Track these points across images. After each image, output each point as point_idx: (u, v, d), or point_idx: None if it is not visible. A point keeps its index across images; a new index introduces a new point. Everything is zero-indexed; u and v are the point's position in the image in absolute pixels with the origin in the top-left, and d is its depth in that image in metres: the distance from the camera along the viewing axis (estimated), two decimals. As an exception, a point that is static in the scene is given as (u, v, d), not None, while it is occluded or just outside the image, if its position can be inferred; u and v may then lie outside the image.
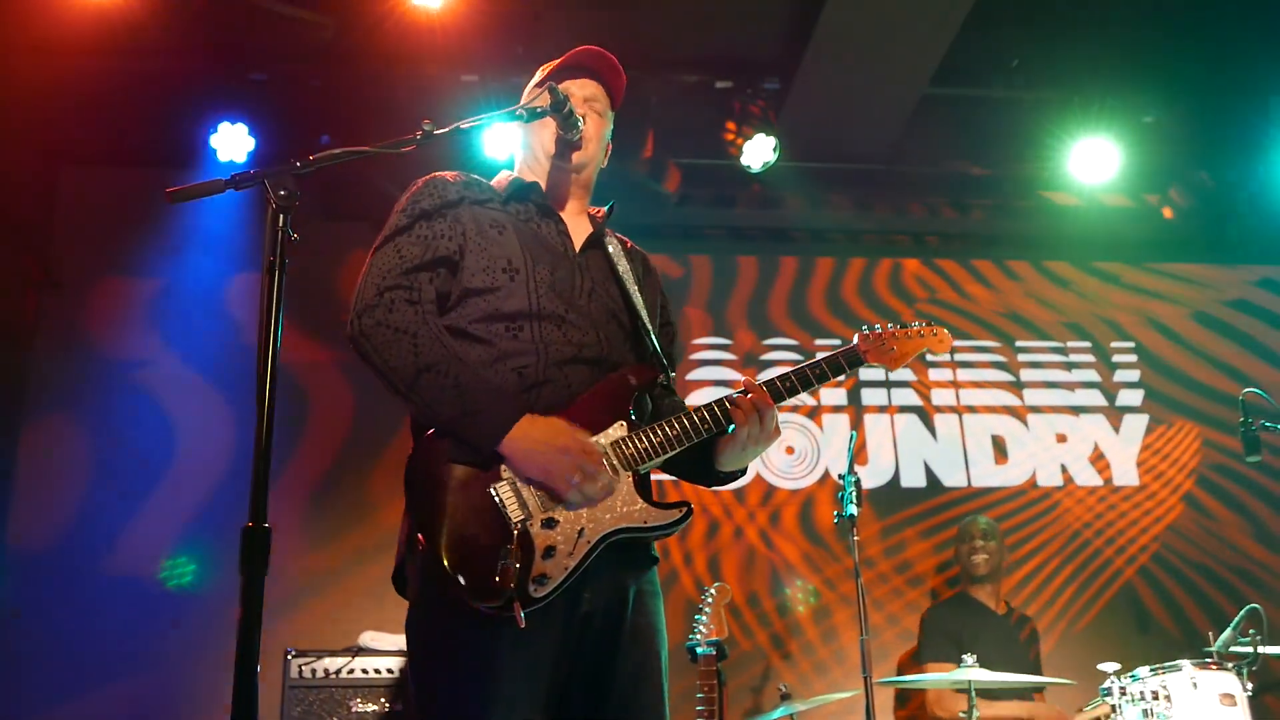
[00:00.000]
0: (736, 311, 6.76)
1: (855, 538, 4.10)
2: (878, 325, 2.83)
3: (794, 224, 6.98)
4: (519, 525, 2.31)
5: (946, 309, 6.96)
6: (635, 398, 2.53)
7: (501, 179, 2.76)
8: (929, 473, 6.59)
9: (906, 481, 6.55)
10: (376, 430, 5.90)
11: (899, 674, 5.93)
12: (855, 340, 2.78)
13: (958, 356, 6.87)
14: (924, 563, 6.35)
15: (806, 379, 2.64)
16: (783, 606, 6.16)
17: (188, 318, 6.09)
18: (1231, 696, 4.10)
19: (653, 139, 6.27)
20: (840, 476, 4.30)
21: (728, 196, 6.83)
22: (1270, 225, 6.92)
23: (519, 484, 2.35)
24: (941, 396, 6.77)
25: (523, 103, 2.74)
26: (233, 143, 5.76)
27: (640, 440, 2.47)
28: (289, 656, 4.69)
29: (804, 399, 6.61)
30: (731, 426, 2.52)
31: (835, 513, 4.21)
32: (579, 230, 2.71)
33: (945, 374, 6.82)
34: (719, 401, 2.54)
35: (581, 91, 2.75)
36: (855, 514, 4.15)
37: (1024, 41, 6.05)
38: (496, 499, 2.33)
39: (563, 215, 2.71)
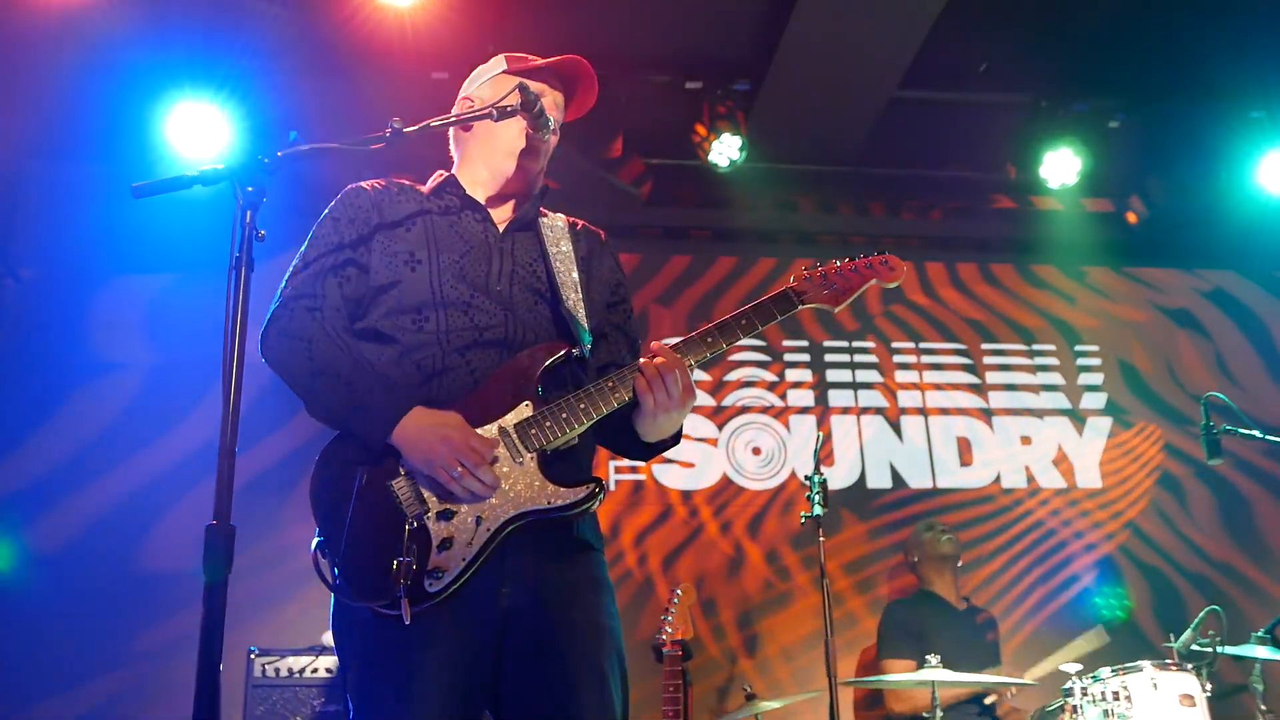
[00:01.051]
0: (703, 311, 6.76)
1: (821, 538, 4.11)
2: (818, 262, 2.66)
3: (762, 224, 7.00)
4: (414, 520, 2.27)
5: (912, 311, 7.01)
6: (542, 375, 2.42)
7: (432, 178, 2.73)
8: (894, 474, 6.62)
9: (872, 483, 6.59)
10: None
11: (860, 672, 5.96)
12: (791, 280, 2.62)
13: (924, 359, 6.91)
14: (889, 563, 6.38)
15: (732, 331, 2.51)
16: (748, 607, 6.18)
17: (151, 316, 6.05)
18: (1191, 697, 4.14)
19: (622, 138, 6.27)
20: (806, 478, 4.31)
21: (696, 196, 6.84)
22: (1232, 231, 7.00)
23: (418, 479, 2.31)
24: (907, 398, 6.81)
25: (474, 91, 2.75)
26: (199, 138, 5.70)
27: (545, 419, 2.38)
28: (252, 655, 4.66)
29: (771, 400, 6.64)
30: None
31: (801, 513, 4.22)
32: (506, 216, 2.67)
33: (911, 376, 6.86)
34: (630, 368, 2.44)
35: (549, 99, 2.72)
36: (821, 515, 4.16)
37: (992, 46, 6.09)
38: (393, 494, 2.29)
39: (492, 205, 2.67)
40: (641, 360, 2.44)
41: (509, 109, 2.54)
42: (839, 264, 2.68)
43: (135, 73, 5.64)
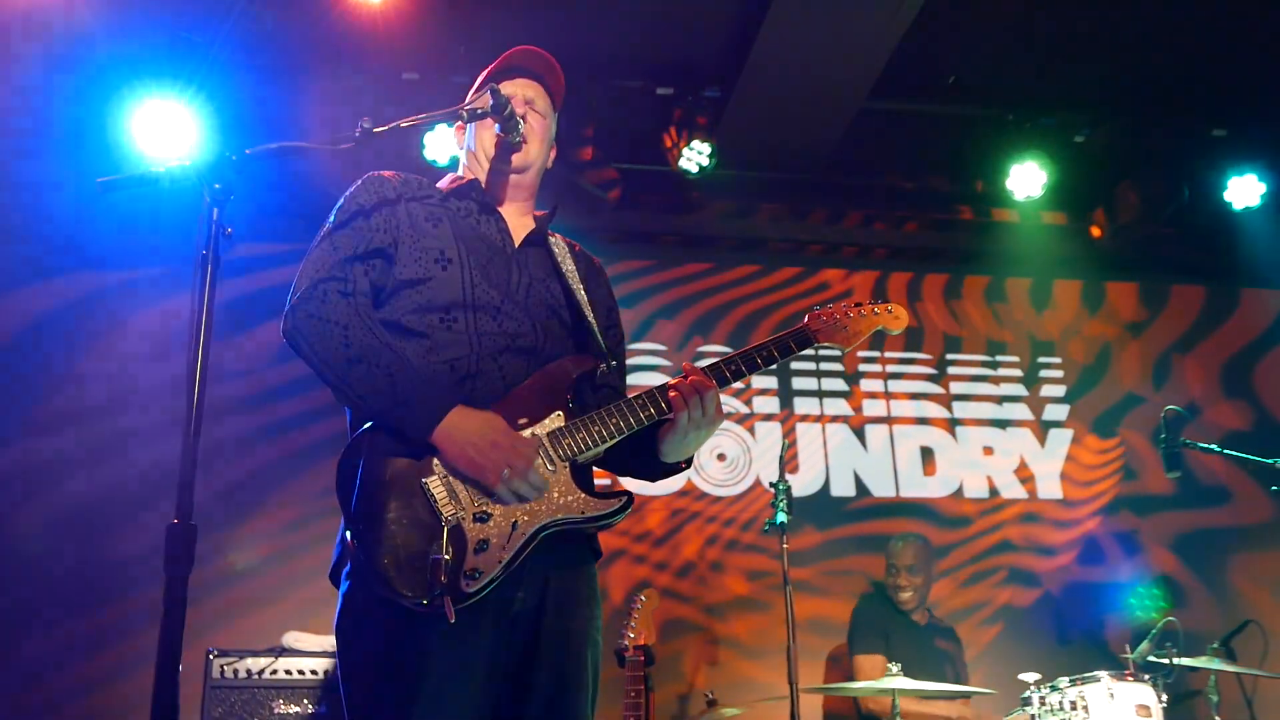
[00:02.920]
0: (670, 316, 6.78)
1: (784, 545, 4.12)
2: (830, 303, 2.76)
3: (730, 231, 7.02)
4: (451, 520, 2.28)
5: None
6: (573, 388, 2.49)
7: (445, 179, 2.77)
8: (858, 482, 6.65)
9: (836, 490, 6.61)
10: (305, 429, 5.83)
11: (826, 674, 5.98)
12: (805, 320, 2.71)
13: (889, 368, 6.95)
14: (852, 571, 6.40)
15: (753, 362, 2.58)
16: (711, 613, 6.18)
17: (114, 313, 6.00)
18: (1147, 707, 4.18)
19: (593, 142, 6.27)
20: (771, 484, 4.32)
21: (665, 202, 6.85)
22: (1195, 245, 7.09)
23: (451, 479, 2.31)
24: (872, 408, 6.84)
25: (465, 104, 2.71)
26: (167, 134, 5.64)
27: (578, 430, 2.43)
28: (211, 656, 4.62)
29: (736, 406, 6.65)
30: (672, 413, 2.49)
31: (765, 520, 4.23)
32: (520, 229, 2.70)
33: (877, 385, 6.90)
34: (660, 388, 2.50)
35: (522, 92, 2.74)
36: (785, 522, 4.17)
37: (959, 59, 6.14)
38: (428, 493, 2.29)
39: (504, 213, 2.69)
40: (675, 379, 2.51)
41: (479, 111, 2.55)
42: (848, 308, 2.75)
43: (100, 69, 5.58)
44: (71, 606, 5.48)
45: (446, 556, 2.22)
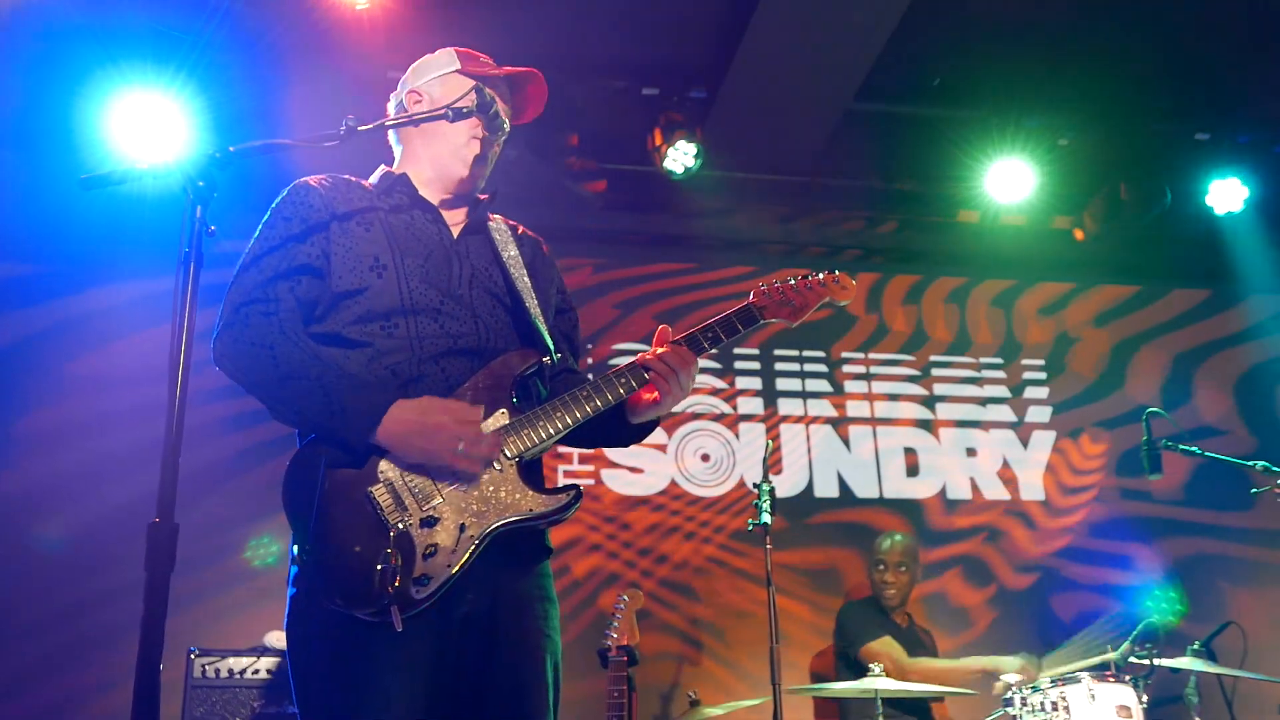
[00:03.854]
0: (654, 316, 6.77)
1: (768, 546, 4.12)
2: (775, 280, 2.72)
3: (714, 232, 7.02)
4: (397, 527, 2.26)
5: (862, 322, 7.06)
6: (517, 384, 2.45)
7: (375, 174, 2.71)
8: (842, 483, 6.67)
9: (820, 491, 6.62)
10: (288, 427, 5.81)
11: (810, 674, 6.00)
12: (751, 297, 2.68)
13: (872, 369, 6.97)
14: (835, 572, 6.42)
15: (697, 343, 2.56)
16: (694, 613, 6.19)
17: (99, 312, 5.97)
18: (1128, 708, 4.20)
19: (578, 142, 6.27)
20: (754, 485, 4.33)
21: (650, 202, 6.85)
22: (1178, 249, 7.12)
23: (396, 485, 2.30)
24: (856, 409, 6.85)
25: (422, 86, 2.69)
26: (149, 132, 5.58)
27: (523, 427, 2.40)
28: (192, 655, 4.60)
29: (721, 407, 6.66)
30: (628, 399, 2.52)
31: (749, 520, 4.24)
32: (457, 217, 2.66)
33: (860, 386, 6.91)
34: (627, 371, 2.50)
35: (500, 106, 2.70)
36: (768, 522, 4.17)
37: (946, 61, 6.15)
38: (374, 501, 2.28)
39: (441, 206, 2.65)
40: (650, 354, 2.50)
41: (465, 110, 2.53)
42: (794, 281, 2.73)
43: (81, 64, 5.55)
44: (52, 606, 5.45)
45: (395, 564, 2.21)
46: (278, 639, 4.77)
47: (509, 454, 2.37)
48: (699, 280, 6.94)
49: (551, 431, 2.41)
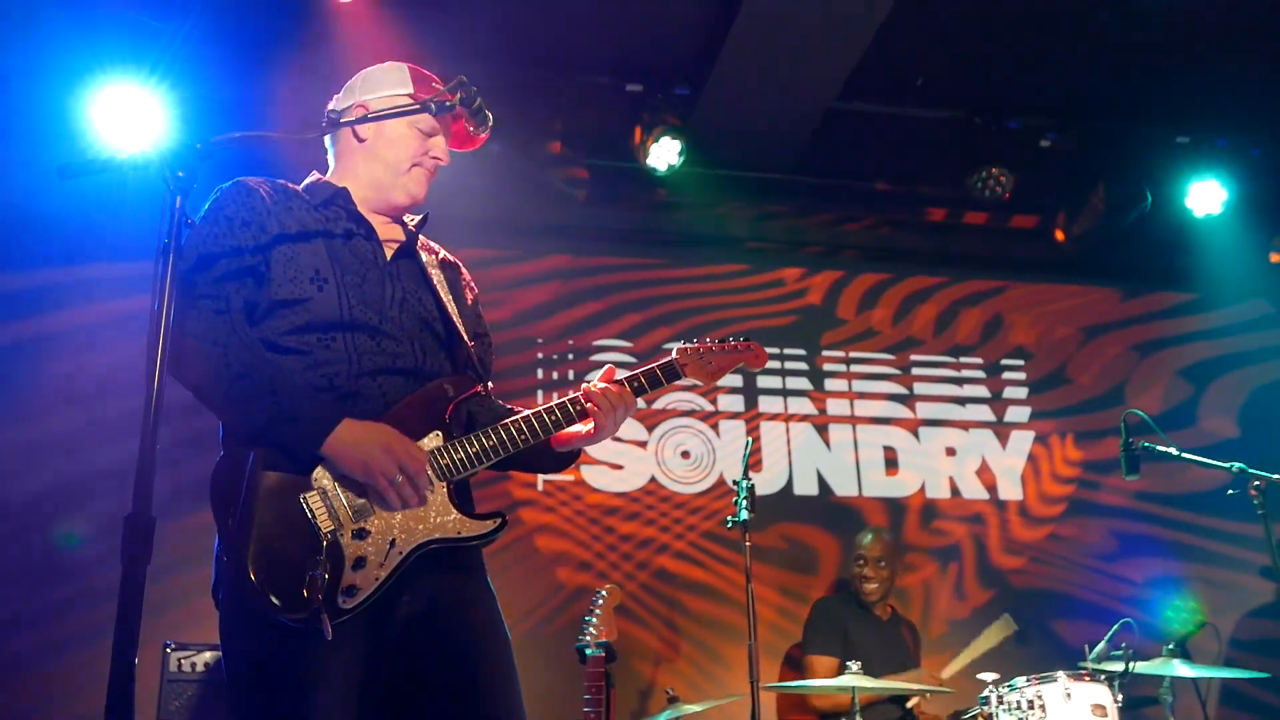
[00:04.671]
0: (636, 312, 6.78)
1: (747, 543, 4.13)
2: (696, 340, 2.86)
3: (697, 229, 7.02)
4: (329, 536, 2.28)
5: (842, 320, 7.08)
6: (452, 408, 2.50)
7: (311, 181, 2.69)
8: (821, 481, 6.68)
9: (799, 489, 6.64)
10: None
11: (785, 671, 6.01)
12: (674, 354, 2.80)
13: (853, 368, 6.98)
14: (813, 570, 6.43)
15: (626, 386, 2.67)
16: (672, 610, 6.19)
17: (76, 301, 5.92)
18: (1103, 707, 4.22)
19: (561, 139, 6.26)
20: (734, 482, 4.33)
21: (633, 199, 6.84)
22: (1158, 251, 7.16)
23: (329, 494, 2.32)
24: (836, 407, 6.87)
25: (370, 101, 2.66)
26: (130, 123, 5.52)
27: (456, 451, 2.46)
28: (168, 649, 4.58)
29: (701, 405, 6.66)
30: (556, 434, 2.60)
31: (728, 518, 4.24)
32: (390, 238, 2.66)
33: (841, 385, 6.93)
34: (549, 409, 2.56)
35: (444, 141, 2.73)
36: (747, 520, 4.18)
37: (929, 61, 6.17)
38: (306, 508, 2.30)
39: (375, 223, 2.65)
40: (596, 389, 2.60)
41: (448, 104, 2.55)
42: (713, 345, 2.86)
43: (61, 53, 5.50)
44: (28, 600, 5.40)
45: (325, 572, 2.23)
46: (255, 633, 4.75)
47: (440, 475, 2.43)
48: (679, 275, 6.95)
49: (485, 457, 2.47)
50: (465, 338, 2.63)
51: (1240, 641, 6.11)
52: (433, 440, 2.45)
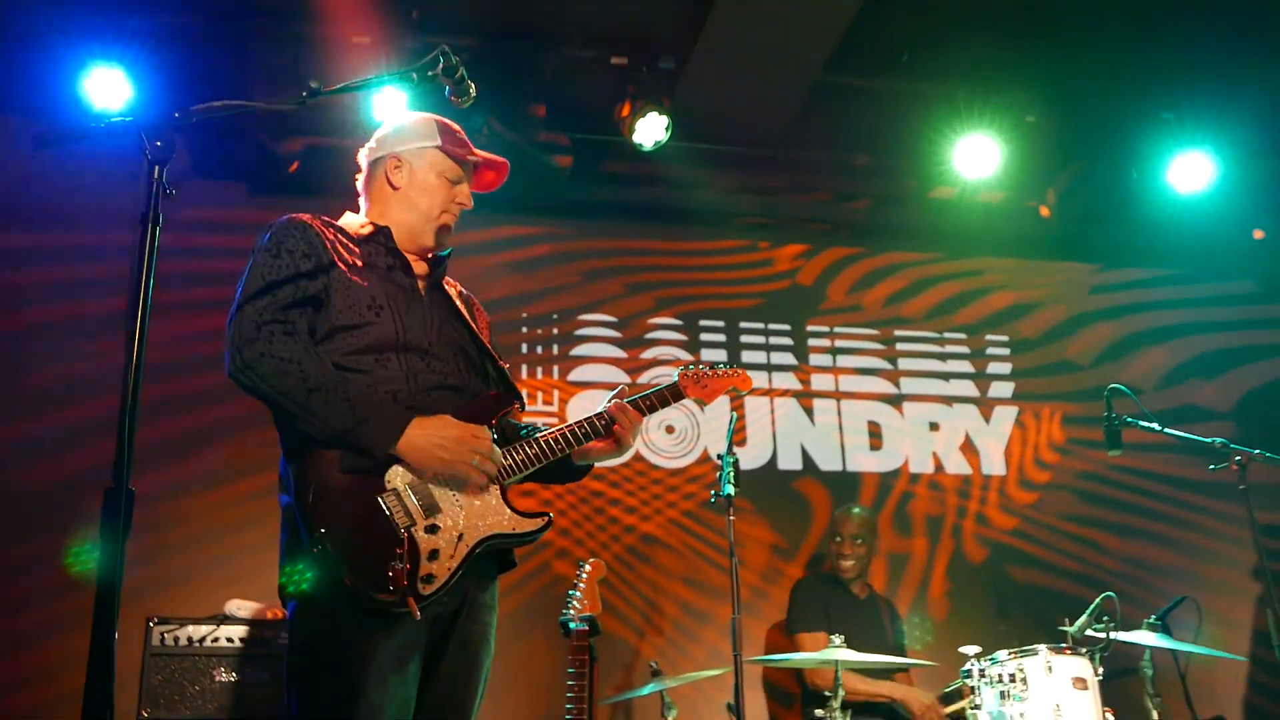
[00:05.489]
0: (621, 287, 6.76)
1: (731, 517, 4.13)
2: (693, 365, 3.33)
3: (683, 204, 6.99)
4: (406, 530, 2.55)
5: (827, 296, 7.08)
6: (496, 420, 2.79)
7: (351, 221, 2.97)
8: (805, 456, 6.69)
9: (783, 464, 6.65)
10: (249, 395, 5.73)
11: (769, 646, 6.04)
12: (676, 377, 3.26)
13: (838, 344, 6.98)
14: (797, 544, 6.45)
15: (639, 409, 3.05)
16: (656, 584, 6.21)
17: (54, 275, 5.87)
18: (1084, 680, 4.24)
19: (546, 113, 6.22)
20: (718, 457, 4.33)
21: (619, 173, 6.81)
22: (1141, 227, 7.17)
23: (402, 494, 2.58)
24: (820, 382, 6.87)
25: (401, 150, 2.96)
26: (108, 93, 5.49)
27: (505, 458, 2.77)
28: (151, 624, 4.57)
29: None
30: (584, 443, 2.95)
31: (712, 492, 4.24)
32: (421, 274, 2.96)
33: (825, 360, 6.93)
34: (579, 423, 2.93)
35: (466, 186, 3.02)
36: (732, 494, 4.18)
37: (915, 35, 6.14)
38: (384, 507, 2.56)
39: (409, 260, 2.93)
40: (613, 409, 2.97)
41: (430, 74, 2.58)
42: (708, 370, 3.34)
43: (41, 23, 5.44)
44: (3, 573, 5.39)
45: (406, 565, 2.50)
46: (238, 607, 4.74)
47: (494, 479, 2.74)
48: (665, 248, 6.93)
49: (529, 464, 2.82)
50: (498, 359, 2.99)
51: (1220, 618, 6.15)
52: None
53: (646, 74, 6.11)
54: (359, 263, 2.80)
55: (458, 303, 3.01)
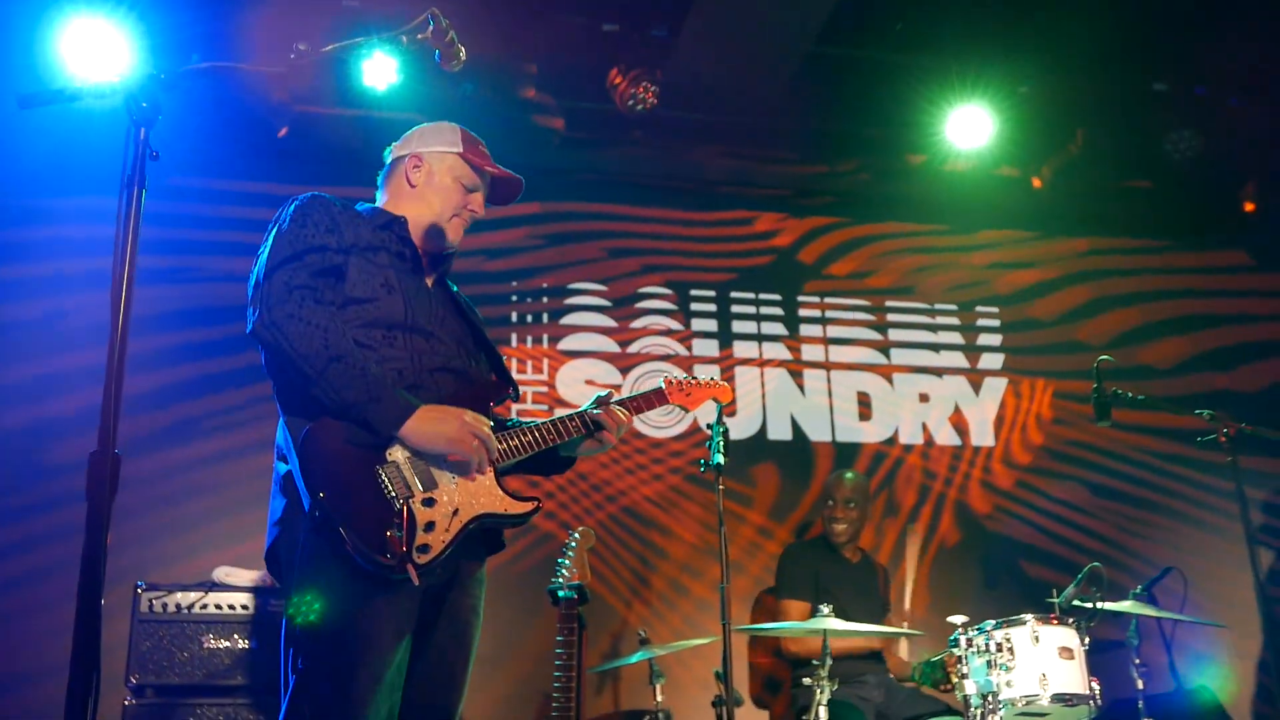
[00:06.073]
0: (614, 257, 6.75)
1: (720, 487, 4.13)
2: (676, 376, 3.57)
3: (674, 173, 6.96)
4: (404, 501, 2.64)
5: (818, 266, 7.07)
6: (494, 406, 2.96)
7: (367, 208, 3.06)
8: (795, 427, 6.70)
9: (773, 434, 6.65)
10: (241, 358, 5.72)
11: (757, 614, 6.06)
12: (661, 385, 3.46)
13: (828, 314, 6.98)
14: (786, 514, 6.47)
15: (628, 411, 3.21)
16: (645, 553, 6.22)
17: (42, 240, 5.83)
18: (1070, 650, 4.26)
19: (536, 80, 6.17)
20: (708, 427, 4.33)
21: (610, 141, 6.77)
22: (1135, 199, 7.15)
23: (403, 468, 2.67)
24: (810, 353, 6.87)
25: (425, 152, 3.10)
26: (88, 54, 5.37)
27: (501, 441, 2.88)
28: (139, 590, 4.57)
29: (676, 349, 6.66)
30: (577, 437, 3.15)
31: (701, 462, 4.25)
32: (430, 270, 3.09)
33: (815, 330, 6.93)
34: (569, 417, 3.09)
35: (481, 193, 3.14)
36: (721, 464, 4.18)
37: (908, 5, 6.11)
38: (383, 478, 2.65)
39: (420, 253, 3.06)
40: (603, 412, 3.12)
41: (419, 37, 2.56)
42: (690, 380, 3.56)
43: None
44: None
45: (403, 531, 2.59)
46: (227, 574, 4.75)
47: (490, 460, 2.82)
48: (656, 216, 6.91)
49: (522, 450, 2.95)
50: (496, 351, 3.14)
51: (1207, 589, 6.19)
52: None
53: (638, 41, 6.07)
54: (376, 244, 2.91)
55: (460, 300, 3.15)
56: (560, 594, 4.61)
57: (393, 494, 2.63)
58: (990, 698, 4.23)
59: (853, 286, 7.08)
